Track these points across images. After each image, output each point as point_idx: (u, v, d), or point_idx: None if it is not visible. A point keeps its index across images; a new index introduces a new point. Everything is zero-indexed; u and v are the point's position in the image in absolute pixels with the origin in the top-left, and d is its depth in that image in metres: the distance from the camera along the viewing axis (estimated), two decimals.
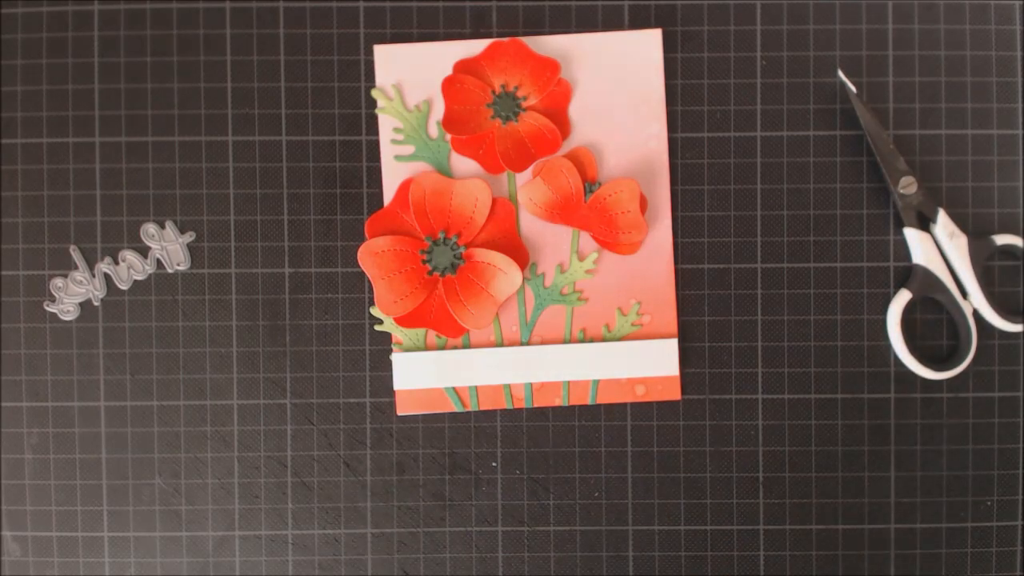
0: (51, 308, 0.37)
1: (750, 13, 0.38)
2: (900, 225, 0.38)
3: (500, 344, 0.37)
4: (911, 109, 0.38)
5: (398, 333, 0.37)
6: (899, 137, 0.38)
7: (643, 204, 0.37)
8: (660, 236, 0.37)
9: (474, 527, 0.38)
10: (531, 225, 0.37)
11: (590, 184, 0.37)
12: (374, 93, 0.37)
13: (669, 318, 0.37)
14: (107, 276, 0.38)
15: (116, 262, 0.38)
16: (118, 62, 0.38)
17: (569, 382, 0.37)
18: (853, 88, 0.37)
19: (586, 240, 0.37)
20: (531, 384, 0.37)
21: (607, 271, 0.37)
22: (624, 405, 0.37)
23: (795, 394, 0.37)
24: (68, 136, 0.38)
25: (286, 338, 0.37)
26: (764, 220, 0.38)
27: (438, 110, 0.37)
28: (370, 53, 0.37)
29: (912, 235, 0.37)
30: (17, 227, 0.38)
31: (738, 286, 0.38)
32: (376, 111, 0.37)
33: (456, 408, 0.37)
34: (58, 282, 0.37)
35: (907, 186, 0.37)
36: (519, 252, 0.37)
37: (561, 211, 0.37)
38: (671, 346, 0.37)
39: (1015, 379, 0.38)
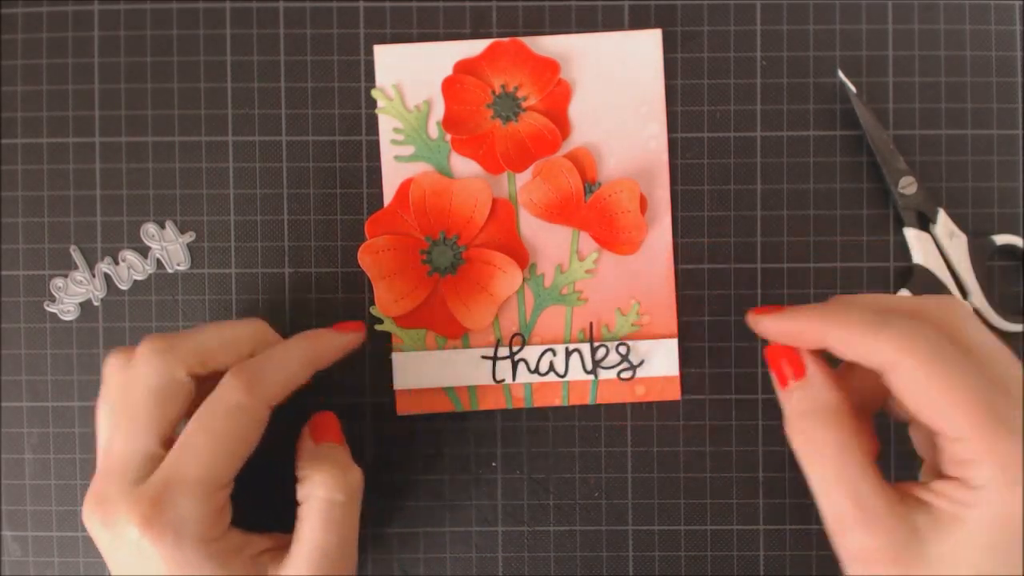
0: (51, 308, 0.37)
1: (750, 13, 0.38)
2: (900, 225, 0.38)
3: (500, 344, 0.37)
4: (911, 109, 0.38)
5: (398, 333, 0.37)
6: (899, 137, 0.38)
7: (643, 204, 0.37)
8: (660, 236, 0.37)
9: (474, 527, 0.38)
10: (531, 225, 0.37)
11: (590, 184, 0.37)
12: (374, 93, 0.37)
13: (669, 318, 0.37)
14: (107, 276, 0.38)
15: (116, 262, 0.38)
16: (118, 62, 0.38)
17: (569, 382, 0.37)
18: (853, 88, 0.37)
19: (586, 240, 0.37)
20: (531, 384, 0.37)
21: (607, 271, 0.37)
22: (624, 405, 0.37)
23: None
24: (68, 136, 0.38)
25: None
26: (764, 220, 0.38)
27: (438, 110, 0.37)
28: (370, 53, 0.37)
29: (912, 235, 0.37)
30: (17, 227, 0.38)
31: (738, 286, 0.38)
32: (376, 111, 0.37)
33: (456, 408, 0.37)
34: (58, 282, 0.37)
35: (907, 186, 0.37)
36: (519, 252, 0.37)
37: (561, 211, 0.37)
38: (671, 346, 0.37)
39: None
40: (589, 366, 0.37)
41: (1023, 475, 0.23)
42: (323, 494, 0.31)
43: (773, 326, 0.29)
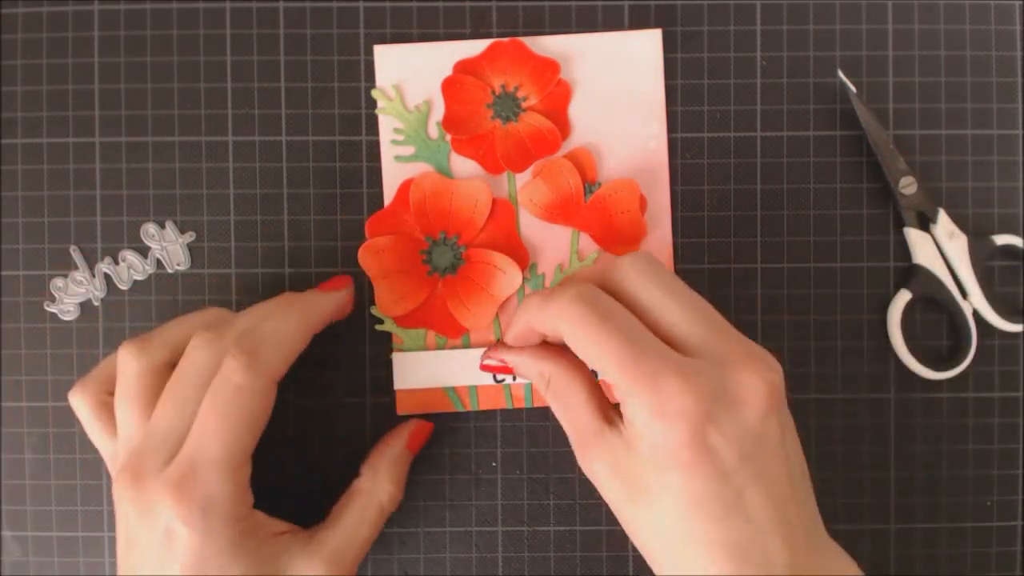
0: (51, 308, 0.37)
1: (750, 13, 0.38)
2: (900, 225, 0.38)
3: None
4: (911, 109, 0.38)
5: (398, 333, 0.37)
6: (899, 137, 0.38)
7: (643, 204, 0.37)
8: (660, 236, 0.37)
9: (474, 527, 0.38)
10: (531, 225, 0.37)
11: (590, 184, 0.37)
12: (374, 93, 0.37)
13: None
14: (107, 276, 0.38)
15: (116, 262, 0.38)
16: (118, 62, 0.38)
17: None
18: (853, 88, 0.37)
19: (586, 240, 0.37)
20: (531, 384, 0.37)
21: None
22: None
23: (795, 394, 0.37)
24: (68, 136, 0.38)
25: None
26: (764, 220, 0.38)
27: (438, 110, 0.37)
28: (370, 53, 0.37)
29: (912, 235, 0.37)
30: (17, 227, 0.38)
31: (738, 286, 0.38)
32: (376, 111, 0.37)
33: (456, 408, 0.37)
34: (58, 282, 0.37)
35: (907, 186, 0.37)
36: (519, 252, 0.37)
37: (561, 211, 0.37)
38: None
39: (1015, 379, 0.38)
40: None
41: (658, 418, 0.27)
42: (384, 500, 0.34)
43: (511, 339, 0.33)
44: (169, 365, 0.32)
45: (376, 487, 0.34)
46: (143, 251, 0.38)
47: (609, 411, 0.30)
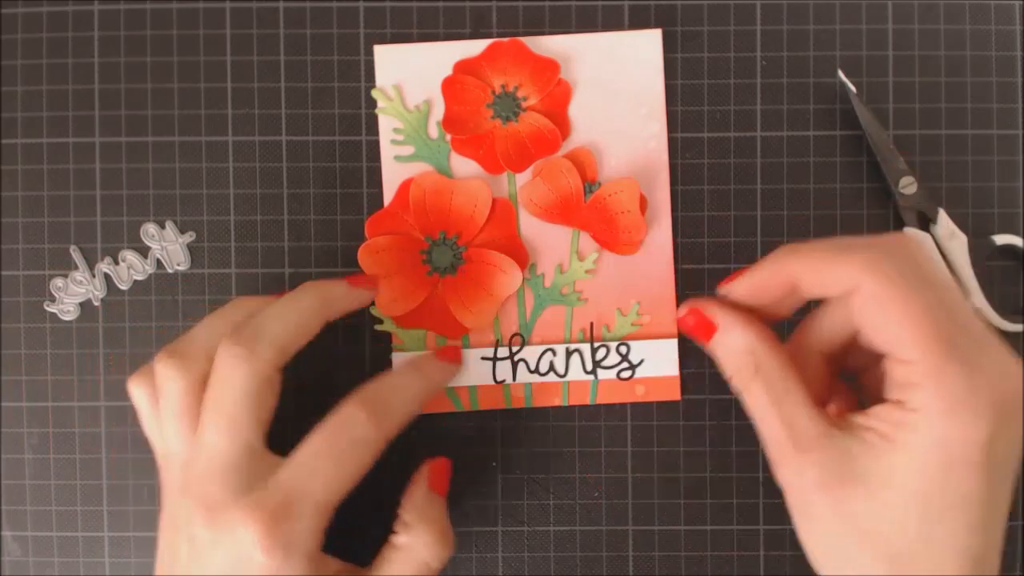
0: (51, 308, 0.37)
1: (750, 13, 0.38)
2: (900, 225, 0.38)
3: (500, 344, 0.37)
4: (911, 109, 0.38)
5: (398, 333, 0.37)
6: (899, 137, 0.38)
7: (643, 204, 0.37)
8: (660, 236, 0.37)
9: (474, 527, 0.38)
10: (531, 225, 0.37)
11: (590, 184, 0.37)
12: (374, 93, 0.37)
13: (669, 318, 0.37)
14: (107, 276, 0.38)
15: (116, 262, 0.38)
16: (118, 62, 0.38)
17: (569, 382, 0.37)
18: (853, 88, 0.37)
19: (586, 240, 0.37)
20: (531, 384, 0.37)
21: (607, 271, 0.37)
22: (624, 405, 0.37)
23: None
24: (68, 136, 0.38)
25: None
26: (764, 220, 0.38)
27: (438, 110, 0.37)
28: (370, 53, 0.38)
29: (912, 235, 0.37)
30: (17, 227, 0.38)
31: None
32: (376, 111, 0.37)
33: (456, 408, 0.37)
34: (58, 282, 0.37)
35: (907, 186, 0.37)
36: (519, 252, 0.37)
37: (561, 211, 0.37)
38: (671, 346, 0.37)
39: None
40: (589, 366, 0.37)
41: (965, 407, 0.23)
42: (425, 557, 0.31)
43: (746, 284, 0.29)
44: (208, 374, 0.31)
45: (415, 543, 0.31)
46: (143, 251, 0.38)
47: (829, 409, 0.27)
